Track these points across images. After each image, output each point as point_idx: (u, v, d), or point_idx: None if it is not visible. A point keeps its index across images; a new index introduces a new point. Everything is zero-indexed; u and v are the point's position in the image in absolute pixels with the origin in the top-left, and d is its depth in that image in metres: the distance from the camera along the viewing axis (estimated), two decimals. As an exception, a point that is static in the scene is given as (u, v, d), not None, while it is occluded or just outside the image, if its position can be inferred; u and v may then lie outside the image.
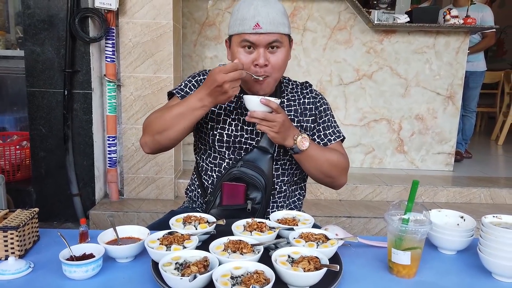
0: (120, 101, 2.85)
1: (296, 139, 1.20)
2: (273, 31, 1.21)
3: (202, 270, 0.83)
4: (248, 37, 1.22)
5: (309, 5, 3.45)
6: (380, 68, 3.54)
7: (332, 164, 1.30)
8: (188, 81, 1.38)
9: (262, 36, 1.21)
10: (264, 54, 1.23)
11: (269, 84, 1.29)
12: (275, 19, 1.21)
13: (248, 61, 1.24)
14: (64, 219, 2.84)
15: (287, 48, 1.29)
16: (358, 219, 2.84)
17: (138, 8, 2.72)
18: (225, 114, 1.33)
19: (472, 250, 1.08)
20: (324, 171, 1.30)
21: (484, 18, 3.87)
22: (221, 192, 1.26)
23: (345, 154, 1.38)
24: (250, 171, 1.25)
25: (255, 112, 1.14)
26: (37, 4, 2.59)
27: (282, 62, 1.27)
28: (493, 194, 3.21)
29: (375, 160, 3.69)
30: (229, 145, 1.32)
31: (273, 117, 1.14)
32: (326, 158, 1.28)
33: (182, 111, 1.20)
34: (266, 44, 1.22)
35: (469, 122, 4.26)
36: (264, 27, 1.20)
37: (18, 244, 0.99)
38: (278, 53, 1.25)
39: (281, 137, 1.18)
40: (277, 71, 1.27)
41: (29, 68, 2.66)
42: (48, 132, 2.73)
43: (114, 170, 2.90)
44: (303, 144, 1.21)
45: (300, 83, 1.45)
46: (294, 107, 1.38)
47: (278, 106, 1.15)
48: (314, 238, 1.01)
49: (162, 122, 1.24)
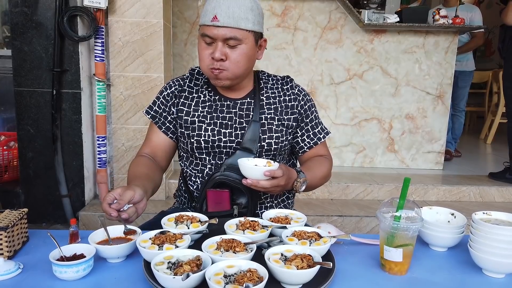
0: (109, 101, 2.82)
1: (295, 186, 1.23)
2: (231, 25, 1.16)
3: (195, 269, 0.83)
4: (206, 30, 1.18)
5: (300, 4, 3.46)
6: (370, 67, 3.56)
7: (323, 177, 1.37)
8: (156, 98, 1.38)
9: (220, 29, 1.16)
10: (221, 48, 1.18)
11: (226, 77, 1.23)
12: (235, 13, 1.15)
13: (207, 53, 1.20)
14: (53, 221, 2.80)
15: (251, 46, 1.22)
16: (349, 218, 2.85)
17: (128, 7, 2.70)
18: (200, 121, 1.30)
19: (462, 246, 1.09)
20: (316, 186, 1.36)
21: (473, 18, 3.92)
22: (206, 200, 1.25)
23: (329, 153, 1.43)
24: (234, 175, 1.22)
25: (260, 183, 1.12)
26: (25, 2, 2.55)
27: (242, 59, 1.21)
28: (482, 192, 3.25)
29: (366, 159, 3.71)
30: (208, 150, 1.29)
31: (278, 182, 1.14)
32: (319, 178, 1.34)
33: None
34: (223, 39, 1.17)
35: (458, 121, 4.31)
36: (222, 20, 1.15)
37: (7, 245, 0.97)
38: (237, 49, 1.19)
39: (282, 190, 1.21)
40: (236, 67, 1.21)
41: (16, 67, 2.62)
42: (36, 132, 2.70)
43: (104, 171, 2.87)
44: (302, 187, 1.24)
45: (280, 77, 1.40)
46: (275, 105, 1.34)
47: (279, 170, 1.13)
48: (307, 236, 1.01)
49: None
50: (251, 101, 1.33)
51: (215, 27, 1.16)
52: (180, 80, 1.37)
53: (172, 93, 1.35)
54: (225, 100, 1.32)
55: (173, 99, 1.34)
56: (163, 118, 1.35)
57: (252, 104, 1.32)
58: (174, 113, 1.34)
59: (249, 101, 1.33)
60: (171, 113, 1.34)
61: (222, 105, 1.31)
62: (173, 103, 1.34)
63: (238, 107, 1.32)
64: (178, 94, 1.34)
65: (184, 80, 1.37)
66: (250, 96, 1.34)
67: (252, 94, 1.34)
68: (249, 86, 1.35)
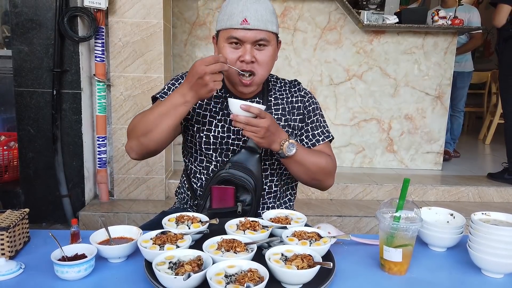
0: (110, 101, 2.83)
1: (283, 144, 1.18)
2: (261, 28, 1.20)
3: (196, 269, 0.83)
4: (235, 33, 1.20)
5: (300, 5, 3.47)
6: (370, 68, 3.57)
7: (320, 168, 1.29)
8: (171, 84, 1.35)
9: (249, 32, 1.19)
10: (251, 51, 1.21)
11: (255, 84, 1.26)
12: (263, 16, 1.20)
13: (234, 57, 1.21)
14: (53, 221, 2.80)
15: (274, 48, 1.27)
16: (349, 218, 2.85)
17: (128, 8, 2.70)
18: (211, 116, 1.31)
19: (461, 246, 1.10)
20: (311, 174, 1.29)
21: (471, 19, 3.93)
22: (211, 196, 1.25)
23: (333, 155, 1.37)
24: (239, 173, 1.23)
25: (238, 117, 1.11)
26: (25, 3, 2.56)
27: (268, 60, 1.25)
28: (481, 192, 3.26)
29: (365, 159, 3.72)
30: (216, 147, 1.30)
31: (257, 122, 1.11)
32: (313, 162, 1.27)
33: (165, 109, 1.17)
34: (253, 41, 1.20)
35: (457, 122, 4.32)
36: (252, 23, 1.18)
37: (9, 245, 0.97)
38: (265, 51, 1.23)
39: (267, 142, 1.16)
40: (263, 69, 1.25)
41: (17, 67, 2.62)
42: (36, 132, 2.70)
43: (104, 171, 2.87)
44: (290, 149, 1.18)
45: (288, 81, 1.43)
46: (282, 105, 1.36)
47: (261, 111, 1.11)
48: (307, 236, 1.01)
49: (145, 123, 1.20)
50: (260, 101, 1.34)
51: (245, 30, 1.19)
52: None
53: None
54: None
55: None
56: None
57: (261, 104, 1.33)
58: None
59: (257, 101, 1.34)
60: None
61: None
62: None
63: None
64: None
65: None
66: (259, 96, 1.36)
67: (261, 94, 1.36)
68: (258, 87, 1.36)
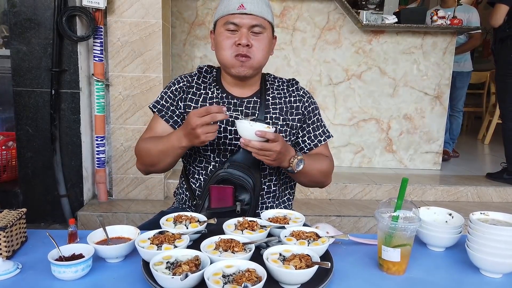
0: (108, 101, 2.82)
1: (292, 162, 1.20)
2: (257, 13, 1.23)
3: (194, 269, 0.83)
4: (232, 18, 1.23)
5: (299, 5, 3.47)
6: (369, 68, 3.57)
7: (322, 173, 1.34)
8: (164, 92, 1.37)
9: (246, 17, 1.23)
10: (247, 35, 1.24)
11: (251, 67, 1.27)
12: (259, 3, 1.24)
13: (231, 42, 1.24)
14: (52, 221, 2.80)
15: (270, 38, 1.30)
16: (348, 218, 2.85)
17: (127, 7, 2.70)
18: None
19: (460, 246, 1.10)
20: (315, 180, 1.34)
21: (470, 19, 3.93)
22: (209, 196, 1.25)
23: (331, 155, 1.41)
24: (238, 172, 1.24)
25: (251, 142, 1.09)
26: (23, 2, 2.55)
27: (264, 47, 1.27)
28: (480, 192, 3.26)
29: (364, 159, 3.72)
30: (213, 147, 1.31)
31: (270, 147, 1.11)
32: (317, 169, 1.32)
33: (165, 149, 1.23)
34: (249, 26, 1.24)
35: (456, 122, 4.32)
36: (248, 8, 1.22)
37: (6, 245, 0.97)
38: (260, 37, 1.26)
39: (277, 162, 1.18)
40: (259, 54, 1.27)
41: (15, 67, 2.62)
42: (35, 132, 2.69)
43: (102, 171, 2.87)
44: (299, 165, 1.21)
45: (286, 80, 1.44)
46: (280, 105, 1.36)
47: (276, 135, 1.11)
48: (305, 236, 1.01)
49: (150, 158, 1.28)
50: (257, 100, 1.35)
51: (242, 14, 1.23)
52: (188, 77, 1.38)
53: (180, 88, 1.35)
54: (232, 98, 1.34)
55: (181, 94, 1.35)
56: (170, 112, 1.34)
57: (258, 103, 1.34)
58: (182, 108, 1.34)
59: (255, 100, 1.35)
60: (178, 108, 1.35)
61: (229, 103, 1.33)
62: (180, 97, 1.34)
63: (244, 105, 1.34)
64: (186, 90, 1.35)
65: (192, 77, 1.38)
66: (257, 95, 1.36)
67: (259, 94, 1.36)
68: (256, 86, 1.37)
